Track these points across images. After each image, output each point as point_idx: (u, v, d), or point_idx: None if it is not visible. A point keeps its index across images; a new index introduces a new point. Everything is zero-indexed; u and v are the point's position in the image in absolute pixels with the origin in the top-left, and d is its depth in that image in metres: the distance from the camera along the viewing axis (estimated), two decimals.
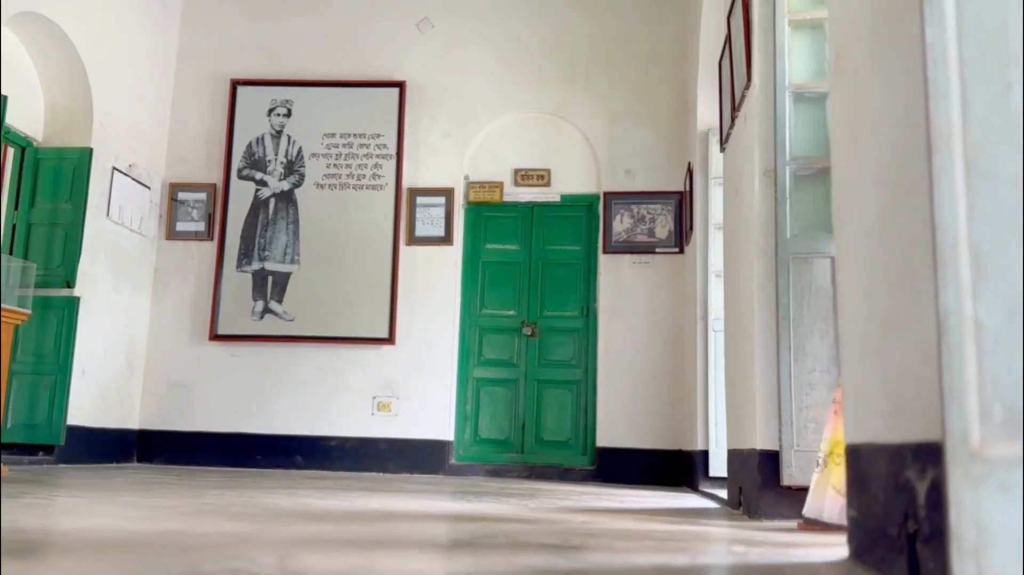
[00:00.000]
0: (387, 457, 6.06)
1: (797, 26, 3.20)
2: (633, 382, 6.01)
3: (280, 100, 6.47)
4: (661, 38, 6.36)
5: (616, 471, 5.92)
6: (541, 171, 6.40)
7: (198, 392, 6.18)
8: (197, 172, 6.45)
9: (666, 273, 6.10)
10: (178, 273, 6.32)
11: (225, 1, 6.67)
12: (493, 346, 6.30)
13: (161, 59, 6.41)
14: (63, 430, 5.24)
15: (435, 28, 6.55)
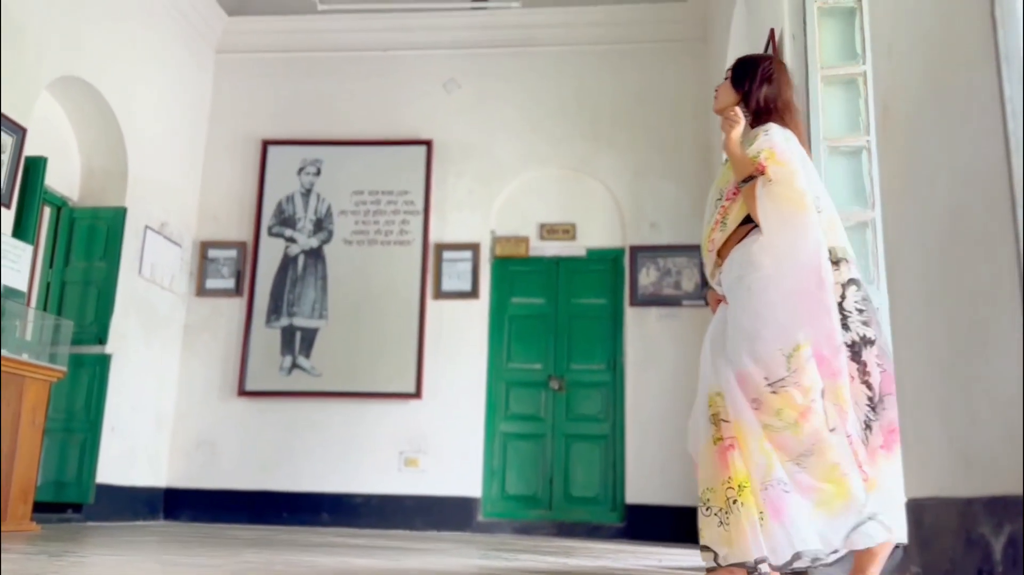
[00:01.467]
0: (414, 514, 5.99)
1: (829, 81, 3.25)
2: (662, 436, 5.95)
3: (310, 159, 6.58)
4: (683, 93, 6.45)
5: (647, 528, 5.83)
6: (566, 225, 6.44)
7: (225, 449, 6.16)
8: (228, 230, 6.54)
9: (694, 326, 6.08)
10: (207, 329, 6.36)
11: (256, 64, 6.84)
12: (520, 400, 6.27)
13: (194, 120, 6.56)
14: (92, 488, 5.22)
15: (461, 88, 6.68)
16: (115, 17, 5.57)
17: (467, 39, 6.70)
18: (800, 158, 2.43)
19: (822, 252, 2.32)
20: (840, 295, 2.33)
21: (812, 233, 2.32)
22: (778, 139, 2.45)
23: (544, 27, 6.62)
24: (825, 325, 2.29)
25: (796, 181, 2.36)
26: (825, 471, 2.27)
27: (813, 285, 2.30)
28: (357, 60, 6.79)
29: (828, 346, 2.28)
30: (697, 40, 6.47)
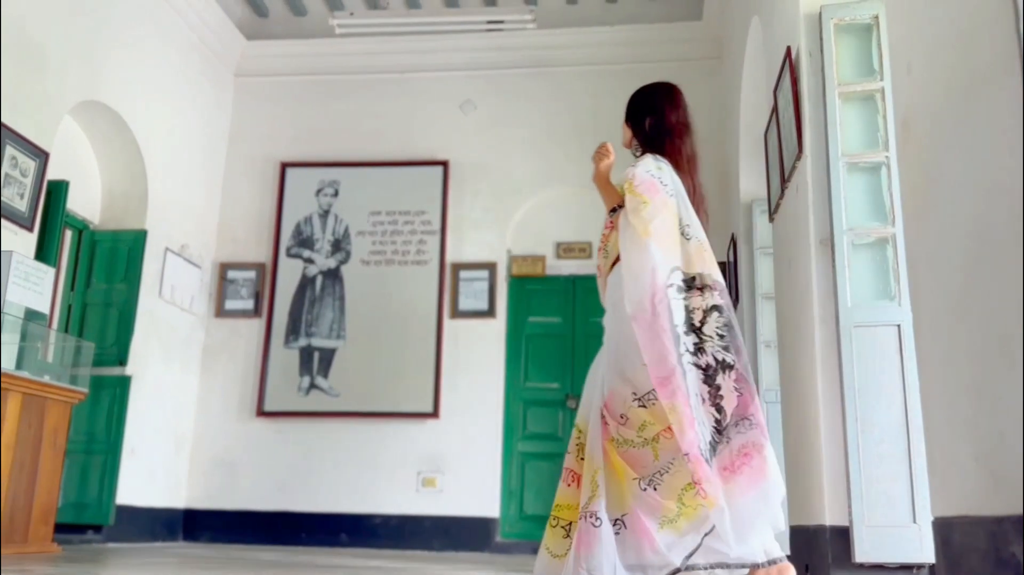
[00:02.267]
0: (431, 535, 5.97)
1: (847, 98, 3.24)
2: None
3: (327, 181, 6.63)
4: (698, 113, 6.33)
5: None
6: (583, 244, 6.45)
7: (243, 469, 6.17)
8: (247, 251, 6.59)
9: None
10: (226, 350, 6.39)
11: (274, 87, 6.92)
12: (537, 419, 6.25)
13: (213, 143, 6.63)
14: (112, 509, 5.24)
15: (477, 109, 6.72)
16: (136, 43, 5.65)
17: (483, 60, 6.75)
18: (670, 184, 2.58)
19: (658, 279, 2.45)
20: (701, 320, 2.46)
21: (650, 261, 2.44)
22: (640, 170, 2.60)
23: (559, 48, 6.66)
24: (656, 348, 2.40)
25: (644, 210, 2.50)
26: (677, 490, 2.36)
27: (649, 311, 2.42)
28: (374, 83, 6.85)
29: (660, 368, 2.38)
30: (712, 59, 6.48)
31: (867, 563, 2.91)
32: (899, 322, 2.99)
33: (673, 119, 2.84)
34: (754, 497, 2.35)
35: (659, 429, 2.40)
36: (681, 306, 2.48)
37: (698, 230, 2.57)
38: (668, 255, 2.50)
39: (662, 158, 2.69)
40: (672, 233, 2.54)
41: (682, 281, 2.51)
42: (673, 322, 2.43)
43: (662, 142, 2.76)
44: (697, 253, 2.53)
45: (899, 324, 2.99)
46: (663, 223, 2.52)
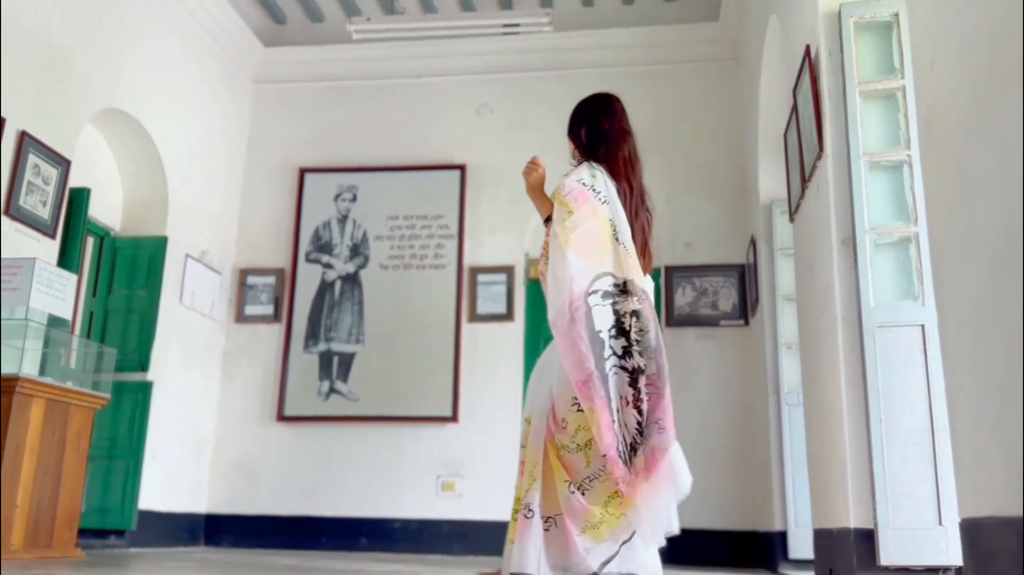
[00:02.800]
0: (451, 539, 5.96)
1: (868, 96, 3.21)
2: (702, 460, 5.84)
3: (345, 186, 6.66)
4: (717, 114, 6.43)
5: (687, 553, 5.71)
6: None
7: (264, 474, 6.19)
8: (266, 257, 6.63)
9: (732, 346, 6.02)
10: (246, 356, 6.42)
11: (292, 93, 6.96)
12: None
13: (232, 150, 6.68)
14: (135, 514, 5.27)
15: (494, 112, 6.72)
16: (156, 51, 5.70)
17: (499, 64, 6.75)
18: (604, 191, 2.66)
19: (575, 287, 2.54)
20: (628, 324, 2.56)
21: (568, 270, 2.53)
22: (570, 180, 2.72)
23: (576, 50, 6.65)
24: (573, 354, 2.51)
25: (568, 220, 2.60)
26: (603, 497, 2.47)
27: (567, 318, 2.52)
28: (391, 87, 6.87)
29: (578, 373, 2.49)
30: (729, 59, 6.45)
31: (892, 566, 2.88)
32: (923, 322, 2.96)
33: (607, 126, 2.90)
34: (667, 497, 2.53)
35: (590, 435, 2.49)
36: (609, 311, 2.58)
37: (627, 237, 2.64)
38: (594, 262, 2.59)
39: (597, 165, 2.77)
40: (601, 240, 2.62)
41: (612, 286, 2.60)
42: (595, 328, 2.53)
43: (598, 149, 2.84)
44: (625, 259, 2.61)
45: (923, 324, 2.96)
46: (589, 231, 2.61)
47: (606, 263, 2.61)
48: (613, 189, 2.72)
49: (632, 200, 2.76)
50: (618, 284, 2.60)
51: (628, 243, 2.63)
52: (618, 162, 2.82)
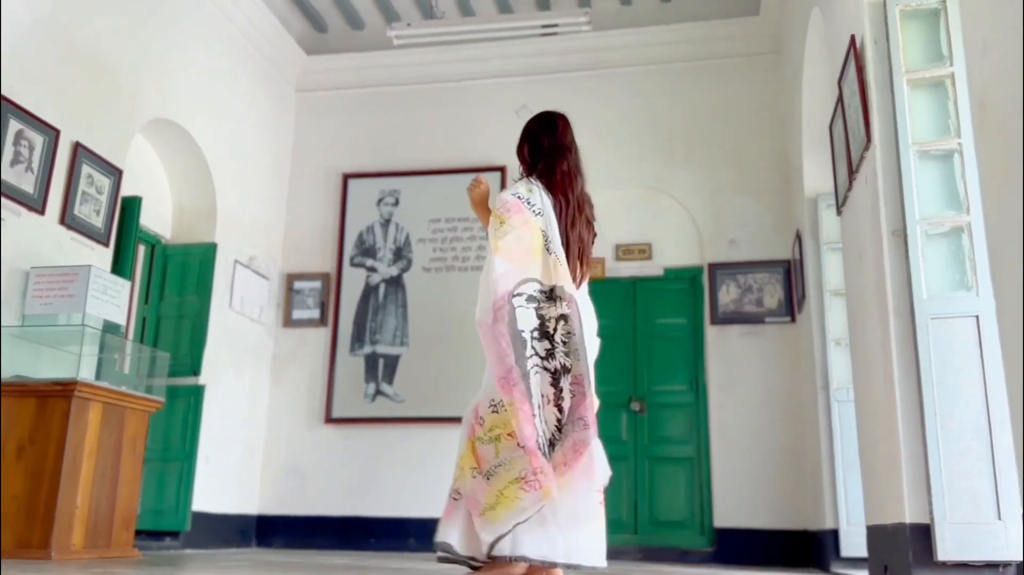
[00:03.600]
0: None
1: (916, 84, 3.17)
2: (750, 458, 5.82)
3: (388, 190, 6.73)
4: (759, 108, 6.37)
5: (737, 553, 5.68)
6: (642, 245, 6.41)
7: (313, 475, 6.27)
8: (312, 262, 6.72)
9: (778, 343, 5.95)
10: (294, 359, 6.52)
11: (334, 100, 7.05)
12: (600, 422, 6.05)
13: (277, 157, 6.79)
14: (189, 516, 5.38)
15: (533, 114, 6.71)
16: (202, 62, 5.82)
17: (538, 65, 6.77)
18: (538, 204, 2.85)
19: (500, 288, 2.74)
20: (553, 328, 2.74)
21: (494, 273, 2.74)
22: (506, 193, 2.90)
23: (614, 49, 6.64)
24: (495, 350, 2.73)
25: (499, 229, 2.81)
26: (504, 482, 2.65)
27: (491, 317, 2.73)
28: (431, 92, 6.93)
29: (500, 368, 2.72)
30: (771, 54, 6.39)
31: (950, 562, 2.83)
32: (977, 313, 2.91)
33: (547, 143, 3.11)
34: (584, 488, 2.64)
35: (503, 431, 2.71)
36: (533, 314, 2.77)
37: (558, 247, 2.83)
38: (521, 267, 2.78)
39: (536, 180, 2.96)
40: (531, 248, 2.81)
41: (538, 291, 2.79)
42: (518, 327, 2.73)
43: (537, 165, 3.04)
44: (555, 267, 2.79)
45: (977, 315, 2.91)
46: (518, 239, 2.80)
47: (533, 270, 2.80)
48: (549, 203, 2.89)
49: (568, 212, 2.93)
50: (544, 290, 2.79)
51: (559, 252, 2.82)
52: (556, 176, 2.99)
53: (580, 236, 2.95)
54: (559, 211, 2.90)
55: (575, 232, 2.92)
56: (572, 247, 2.90)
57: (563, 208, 2.91)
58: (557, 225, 2.86)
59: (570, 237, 2.90)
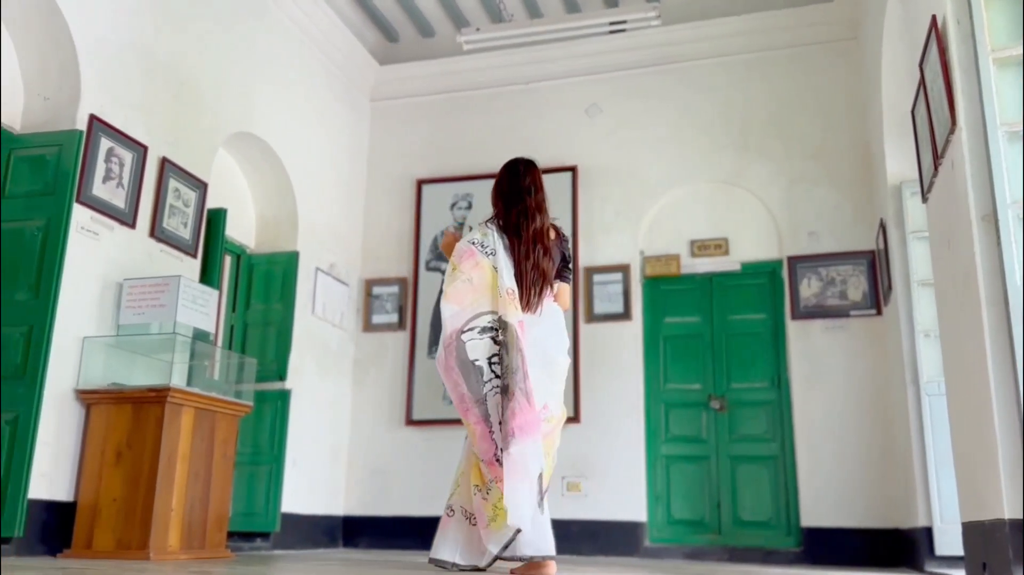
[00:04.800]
0: (579, 539, 5.97)
1: (1002, 64, 3.04)
2: (836, 455, 5.66)
3: (461, 194, 6.81)
4: (835, 95, 6.21)
5: (826, 552, 5.54)
6: (718, 240, 6.31)
7: (396, 477, 6.38)
8: (389, 267, 6.85)
9: (864, 337, 5.79)
10: (375, 363, 6.65)
11: (407, 108, 7.18)
12: (680, 421, 6.14)
13: (354, 166, 6.95)
14: (278, 517, 5.53)
15: (603, 112, 6.72)
16: (280, 76, 6.00)
17: (606, 63, 6.75)
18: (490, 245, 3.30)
19: (448, 328, 3.21)
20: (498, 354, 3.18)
21: (444, 316, 3.23)
22: (462, 241, 3.38)
23: (684, 43, 6.57)
24: (448, 381, 3.22)
25: (450, 275, 3.29)
26: (496, 497, 3.04)
27: (443, 354, 3.22)
28: (501, 95, 6.98)
29: (453, 395, 3.20)
30: (847, 40, 6.23)
31: None
32: None
33: (506, 188, 3.53)
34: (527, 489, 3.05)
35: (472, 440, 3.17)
36: (489, 343, 3.19)
37: (510, 280, 3.26)
38: (471, 305, 3.23)
39: (492, 224, 3.43)
40: (482, 286, 3.25)
41: (493, 321, 3.21)
42: (469, 358, 3.18)
43: (498, 207, 3.51)
44: (506, 300, 3.21)
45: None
46: (467, 282, 3.26)
47: (485, 304, 3.23)
48: (502, 243, 3.33)
49: (519, 248, 3.34)
50: (498, 321, 3.20)
51: (511, 285, 3.25)
52: (511, 218, 3.42)
53: (536, 265, 3.33)
54: (512, 249, 3.33)
55: (529, 263, 3.32)
56: (527, 276, 3.31)
57: (515, 245, 3.34)
58: (510, 261, 3.30)
59: (524, 268, 3.31)
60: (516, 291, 3.25)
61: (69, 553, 3.96)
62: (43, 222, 4.07)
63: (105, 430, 4.11)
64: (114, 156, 4.43)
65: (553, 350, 3.33)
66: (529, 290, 3.31)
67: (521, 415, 3.08)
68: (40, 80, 4.29)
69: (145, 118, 4.67)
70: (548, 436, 3.27)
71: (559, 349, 3.36)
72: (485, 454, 3.11)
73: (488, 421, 3.12)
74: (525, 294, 3.30)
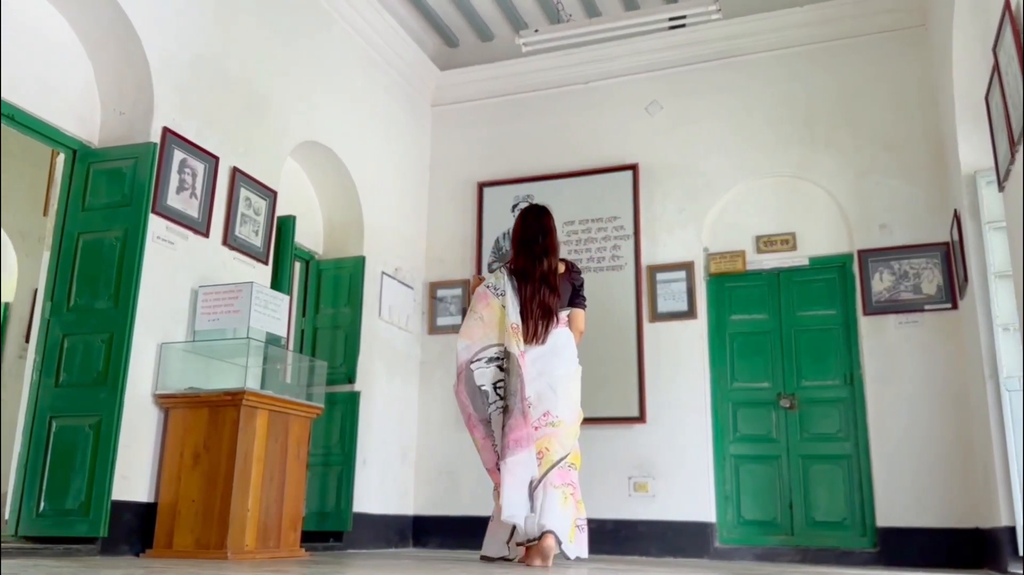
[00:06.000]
0: (648, 540, 5.93)
1: None
2: (913, 453, 5.51)
3: (522, 196, 6.83)
4: (904, 84, 6.05)
5: (902, 553, 5.39)
6: (785, 235, 6.20)
7: (463, 477, 6.43)
8: (452, 270, 6.92)
9: (939, 331, 5.61)
10: (440, 365, 6.71)
11: (467, 112, 7.24)
12: (748, 420, 6.05)
13: (417, 171, 7.04)
14: (350, 517, 5.63)
15: (663, 109, 6.67)
16: (344, 85, 6.13)
17: (666, 60, 6.70)
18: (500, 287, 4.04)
19: (460, 359, 4.02)
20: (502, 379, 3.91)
21: (457, 348, 4.05)
22: (480, 286, 4.16)
23: (747, 36, 6.48)
24: (459, 403, 4.03)
25: (467, 316, 4.14)
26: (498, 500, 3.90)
27: (456, 382, 4.04)
28: (560, 96, 6.99)
29: (463, 415, 4.03)
30: (915, 27, 6.06)
31: None
32: None
33: (518, 234, 4.19)
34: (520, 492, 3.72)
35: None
36: (495, 370, 3.93)
37: (515, 316, 3.94)
38: (480, 339, 3.98)
39: (504, 268, 4.13)
40: (492, 322, 3.98)
41: (499, 352, 3.94)
42: (476, 384, 3.94)
43: (512, 252, 4.21)
44: (511, 333, 3.90)
45: None
46: (479, 319, 4.02)
47: (492, 338, 3.96)
48: (511, 285, 4.01)
49: (526, 289, 4.01)
50: (502, 351, 3.92)
51: (516, 322, 3.92)
52: (518, 263, 4.09)
53: (542, 303, 3.98)
54: (519, 290, 4.00)
55: (534, 302, 3.98)
56: (533, 311, 3.98)
57: (523, 287, 4.01)
58: (517, 300, 3.97)
59: (531, 307, 3.97)
60: (520, 326, 3.93)
61: (151, 553, 4.09)
62: (121, 232, 4.22)
63: (183, 433, 4.23)
64: (187, 167, 4.58)
65: (557, 369, 3.99)
66: (536, 325, 3.97)
67: (517, 431, 3.76)
68: (116, 96, 4.46)
69: (216, 130, 4.81)
70: (552, 436, 3.90)
71: (563, 367, 4.02)
72: (488, 463, 3.91)
73: (491, 437, 3.89)
74: (532, 328, 3.96)
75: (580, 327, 4.21)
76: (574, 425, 4.01)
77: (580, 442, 6.24)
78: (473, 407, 3.93)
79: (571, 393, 4.04)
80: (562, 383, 3.98)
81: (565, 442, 3.92)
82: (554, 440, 3.88)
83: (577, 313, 4.20)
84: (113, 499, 3.93)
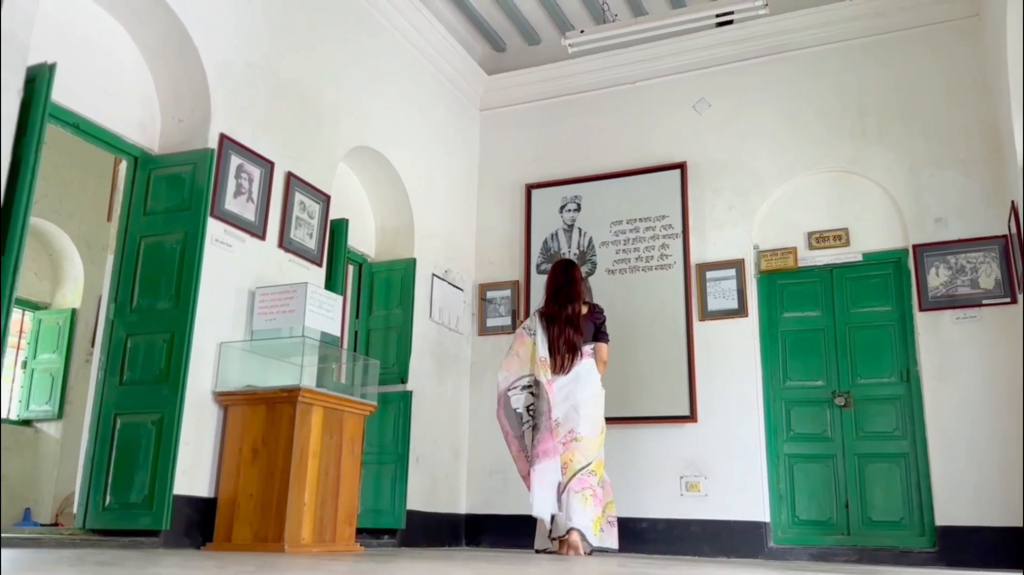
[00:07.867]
0: (700, 539, 5.90)
1: None
2: (972, 451, 5.39)
3: (570, 197, 6.87)
4: (958, 75, 5.93)
5: (963, 553, 5.27)
6: (838, 231, 6.12)
7: (514, 476, 6.43)
8: (501, 271, 6.98)
9: (998, 326, 5.49)
10: (490, 366, 6.75)
11: (515, 115, 7.31)
12: (802, 419, 5.98)
13: (466, 174, 7.14)
14: (404, 514, 5.71)
15: (711, 107, 6.65)
16: (394, 91, 6.25)
17: (713, 57, 6.68)
18: (532, 327, 4.95)
19: (499, 387, 4.92)
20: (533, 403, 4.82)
21: (498, 378, 4.97)
22: (519, 328, 5.10)
23: (795, 31, 6.43)
24: (501, 426, 4.90)
25: (507, 353, 5.03)
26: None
27: (497, 406, 4.93)
28: (607, 96, 7.01)
29: (504, 434, 4.89)
30: (969, 17, 5.94)
31: None
32: None
33: (551, 283, 5.12)
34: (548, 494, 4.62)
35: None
36: (527, 396, 4.82)
37: (544, 351, 4.85)
38: (516, 371, 4.88)
39: (536, 312, 5.06)
40: (526, 358, 4.86)
41: (531, 381, 4.83)
42: (512, 407, 4.83)
43: (545, 297, 5.14)
44: (541, 366, 4.80)
45: None
46: (516, 355, 4.92)
47: (525, 369, 4.84)
48: (541, 326, 4.92)
49: (552, 330, 4.92)
50: (535, 381, 4.80)
51: (544, 356, 4.83)
52: (549, 308, 5.01)
53: (567, 341, 4.86)
54: (547, 331, 4.90)
55: (560, 340, 4.87)
56: (560, 348, 4.86)
57: (549, 327, 4.91)
58: (546, 338, 4.87)
59: (558, 344, 4.87)
60: (548, 359, 4.82)
61: (211, 546, 4.20)
62: (181, 236, 4.37)
63: (241, 429, 4.35)
64: (244, 172, 4.72)
65: (580, 393, 4.83)
66: (563, 358, 4.85)
67: (543, 443, 4.63)
68: (174, 104, 4.63)
69: (271, 135, 4.95)
70: (576, 449, 4.73)
71: (584, 392, 4.84)
72: (522, 471, 4.77)
73: (524, 450, 4.75)
74: (560, 361, 4.85)
75: (604, 358, 5.02)
76: (596, 439, 4.84)
77: (628, 441, 6.35)
78: (510, 426, 4.81)
79: (592, 413, 4.85)
80: (584, 405, 4.81)
81: (588, 453, 4.76)
82: (577, 452, 4.73)
83: (600, 347, 5.02)
84: (175, 493, 4.05)
